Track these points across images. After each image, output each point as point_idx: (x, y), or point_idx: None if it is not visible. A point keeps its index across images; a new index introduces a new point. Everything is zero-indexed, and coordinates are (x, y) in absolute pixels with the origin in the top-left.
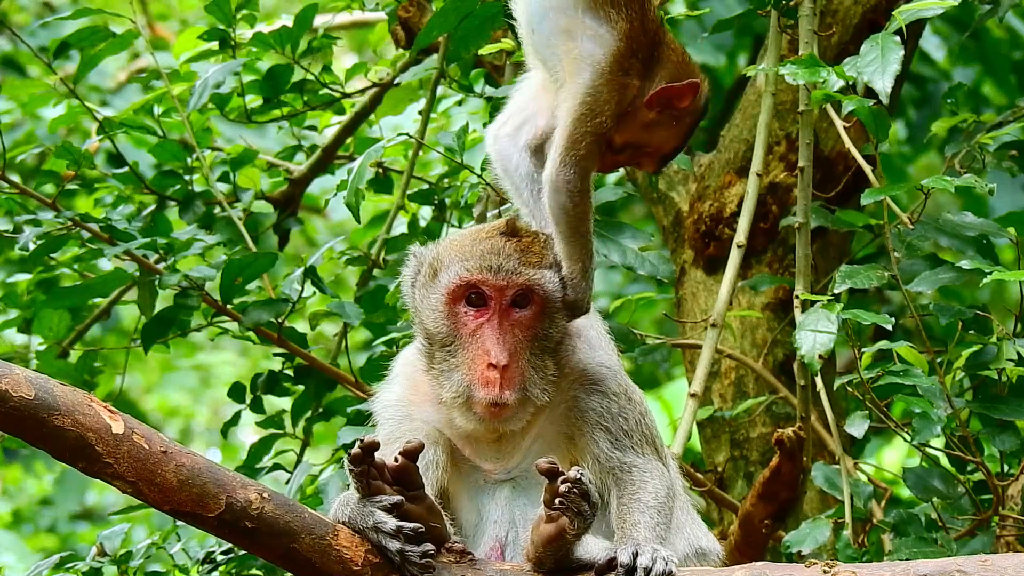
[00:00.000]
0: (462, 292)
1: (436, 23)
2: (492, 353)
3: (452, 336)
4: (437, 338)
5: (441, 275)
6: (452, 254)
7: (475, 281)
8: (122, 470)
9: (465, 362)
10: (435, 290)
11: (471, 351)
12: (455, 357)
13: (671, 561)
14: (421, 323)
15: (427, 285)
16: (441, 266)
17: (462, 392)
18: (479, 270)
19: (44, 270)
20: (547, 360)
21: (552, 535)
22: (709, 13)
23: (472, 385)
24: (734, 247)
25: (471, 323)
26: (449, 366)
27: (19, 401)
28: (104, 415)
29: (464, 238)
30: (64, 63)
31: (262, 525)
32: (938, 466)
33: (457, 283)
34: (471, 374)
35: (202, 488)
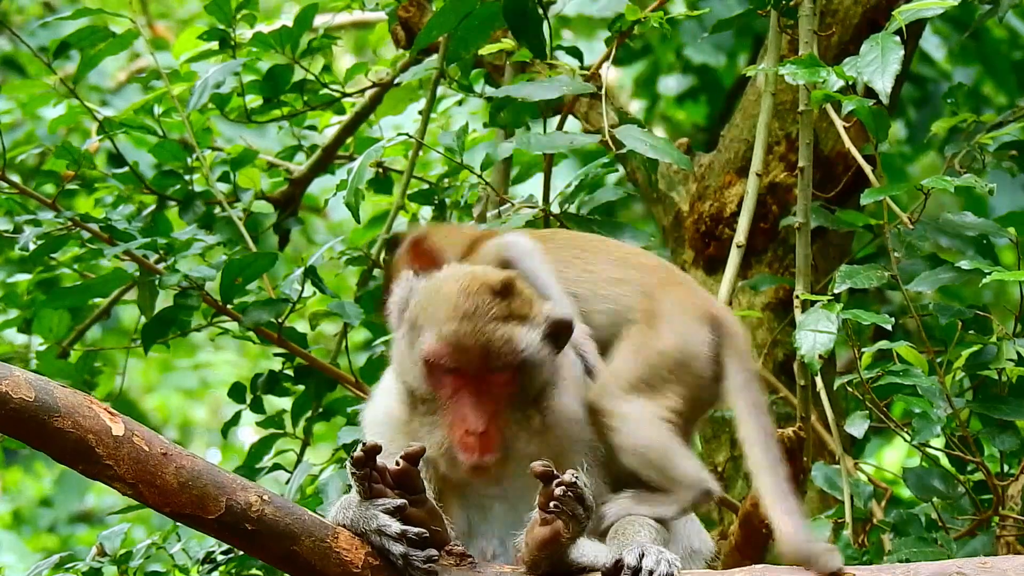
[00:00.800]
0: (434, 363)
1: (436, 23)
2: (469, 420)
3: (431, 395)
4: (416, 394)
5: (419, 335)
6: (431, 316)
7: (445, 357)
8: (122, 472)
9: (445, 424)
10: (412, 349)
11: (450, 414)
12: (435, 415)
13: (675, 564)
14: (403, 375)
15: (406, 340)
16: (420, 326)
17: (444, 452)
18: (451, 347)
19: (44, 270)
20: (530, 411)
21: (547, 538)
22: (709, 13)
23: (453, 447)
24: (734, 247)
25: (449, 387)
26: (430, 423)
27: (20, 403)
28: (104, 417)
29: (448, 293)
30: (64, 63)
31: (262, 527)
32: (938, 466)
33: (429, 355)
34: (451, 436)
35: (202, 490)
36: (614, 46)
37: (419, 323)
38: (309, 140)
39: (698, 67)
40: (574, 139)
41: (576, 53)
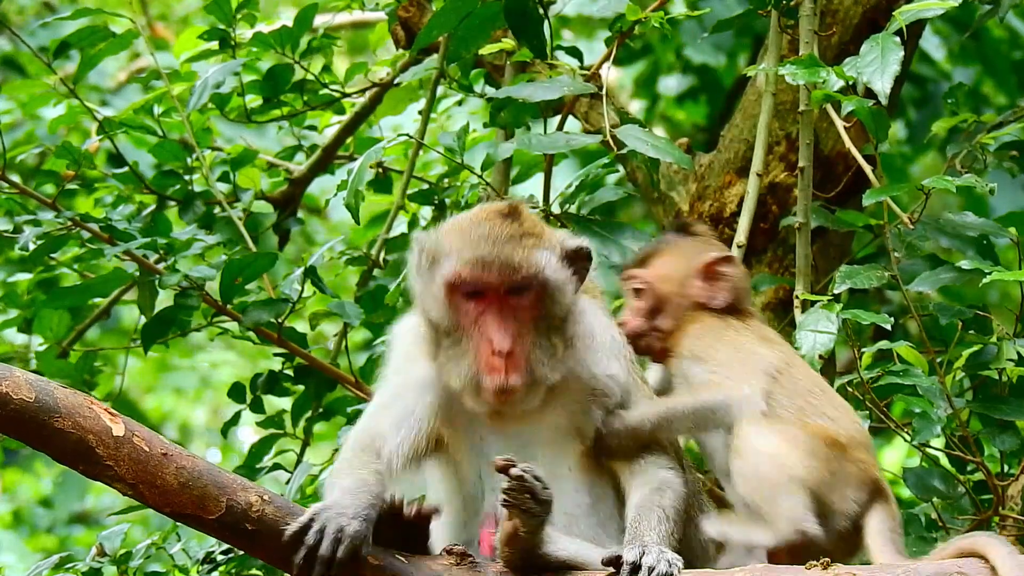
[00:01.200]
0: (456, 286)
1: (436, 23)
2: (495, 340)
3: (455, 325)
4: (441, 327)
5: (439, 267)
6: (449, 244)
7: (469, 279)
8: (123, 472)
9: (470, 350)
10: (434, 281)
11: (475, 339)
12: (460, 345)
13: (675, 564)
14: (424, 312)
15: (427, 275)
16: (439, 256)
17: (470, 380)
18: (472, 267)
19: (44, 270)
20: (553, 339)
21: (509, 532)
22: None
23: (479, 373)
24: (734, 247)
25: (472, 312)
26: (455, 354)
27: (20, 404)
28: (105, 417)
29: (462, 224)
30: (64, 63)
31: (262, 527)
32: (938, 466)
33: (450, 278)
34: (477, 362)
35: (203, 490)
36: (614, 46)
37: (438, 256)
38: (309, 140)
39: (698, 67)
40: (574, 139)
41: (576, 53)
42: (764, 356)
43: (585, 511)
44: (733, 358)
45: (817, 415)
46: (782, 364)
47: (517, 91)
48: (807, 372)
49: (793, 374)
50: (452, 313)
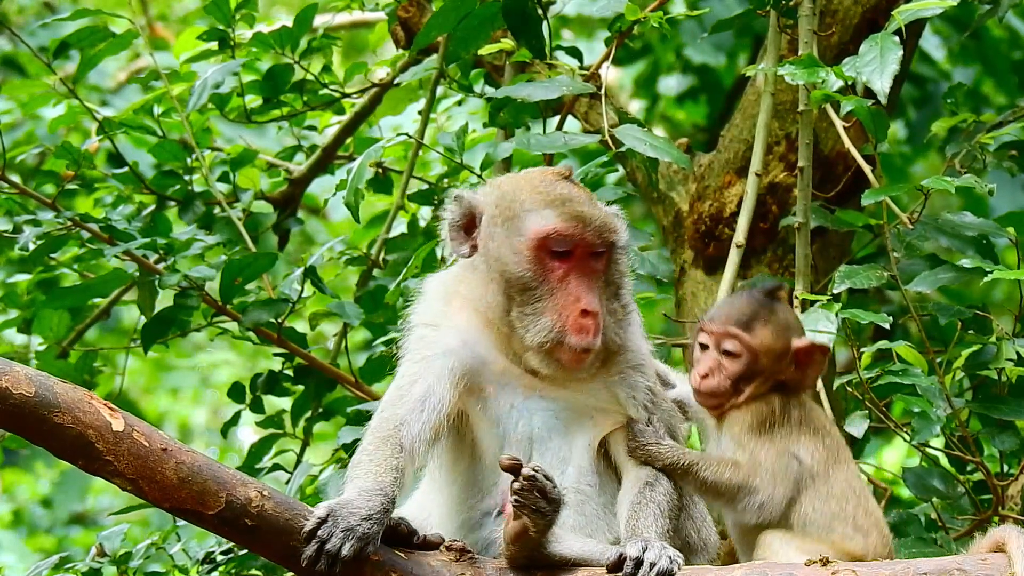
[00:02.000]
0: (550, 241)
1: (436, 23)
2: (584, 301)
3: (538, 282)
4: (520, 283)
5: (524, 220)
6: (530, 200)
7: (566, 233)
8: (122, 467)
9: (554, 308)
10: (518, 235)
11: (560, 298)
12: (540, 302)
13: (676, 560)
14: (501, 268)
15: (507, 229)
16: (519, 211)
17: (552, 338)
18: (568, 222)
19: (44, 270)
20: (615, 304)
21: (517, 532)
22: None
23: (564, 331)
24: (734, 247)
25: (558, 270)
26: (532, 311)
27: (19, 398)
28: (104, 412)
29: (532, 182)
30: (64, 63)
31: (262, 523)
32: (938, 466)
33: (547, 232)
34: (562, 320)
35: (202, 486)
36: (614, 46)
37: (517, 213)
38: (309, 140)
39: (698, 67)
40: (574, 139)
41: (576, 53)
42: (804, 462)
43: (596, 490)
44: (774, 462)
45: (846, 526)
46: (821, 468)
47: (516, 91)
48: (846, 473)
49: (831, 478)
50: (537, 269)
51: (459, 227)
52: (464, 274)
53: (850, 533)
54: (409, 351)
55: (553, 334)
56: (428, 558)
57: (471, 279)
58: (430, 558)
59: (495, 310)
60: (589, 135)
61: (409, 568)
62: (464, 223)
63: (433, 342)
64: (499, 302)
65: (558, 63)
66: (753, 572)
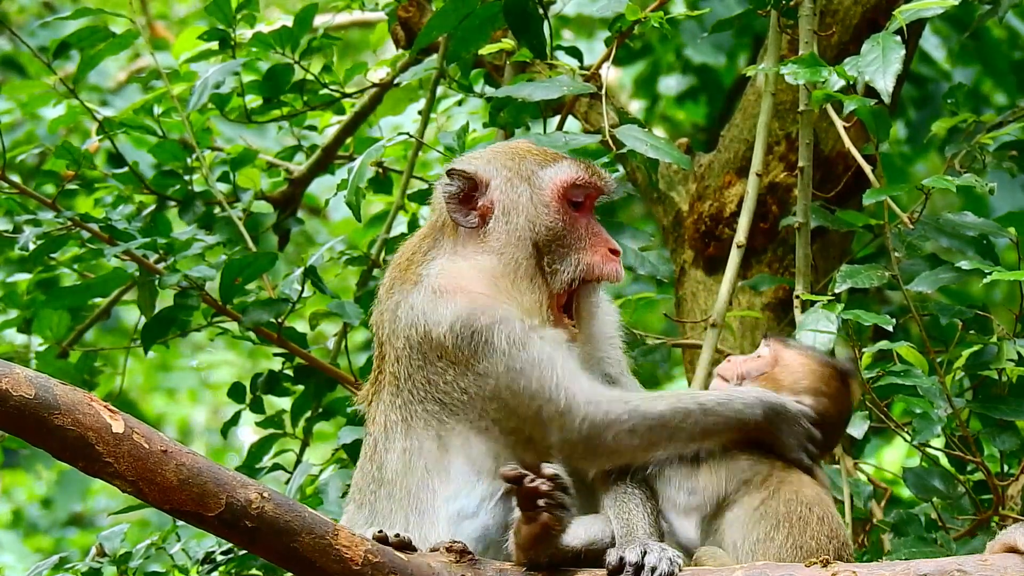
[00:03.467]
0: (573, 190)
1: (436, 23)
2: (611, 242)
3: (566, 229)
4: (550, 232)
5: (544, 174)
6: (543, 157)
7: (586, 180)
8: (122, 469)
9: (585, 249)
10: (540, 189)
11: (588, 241)
12: (567, 248)
13: (676, 562)
14: (529, 223)
15: (528, 186)
16: (537, 167)
17: (588, 271)
18: (586, 170)
19: (44, 270)
20: None
21: (538, 534)
22: (709, 13)
23: (601, 264)
24: (734, 247)
25: (580, 218)
26: (566, 254)
27: (19, 400)
28: (104, 414)
29: (526, 147)
30: (64, 63)
31: (262, 524)
32: (938, 466)
33: (571, 181)
34: (592, 259)
35: (202, 487)
36: (614, 46)
37: (534, 171)
38: (309, 140)
39: (698, 67)
40: (574, 139)
41: (576, 53)
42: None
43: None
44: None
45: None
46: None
47: (517, 91)
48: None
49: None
50: (564, 217)
51: (461, 199)
52: (468, 246)
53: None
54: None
55: (587, 268)
56: (428, 559)
57: (483, 247)
58: (430, 559)
59: (525, 267)
60: (589, 135)
61: (409, 569)
62: (465, 195)
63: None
64: (529, 255)
65: (558, 63)
66: (753, 572)
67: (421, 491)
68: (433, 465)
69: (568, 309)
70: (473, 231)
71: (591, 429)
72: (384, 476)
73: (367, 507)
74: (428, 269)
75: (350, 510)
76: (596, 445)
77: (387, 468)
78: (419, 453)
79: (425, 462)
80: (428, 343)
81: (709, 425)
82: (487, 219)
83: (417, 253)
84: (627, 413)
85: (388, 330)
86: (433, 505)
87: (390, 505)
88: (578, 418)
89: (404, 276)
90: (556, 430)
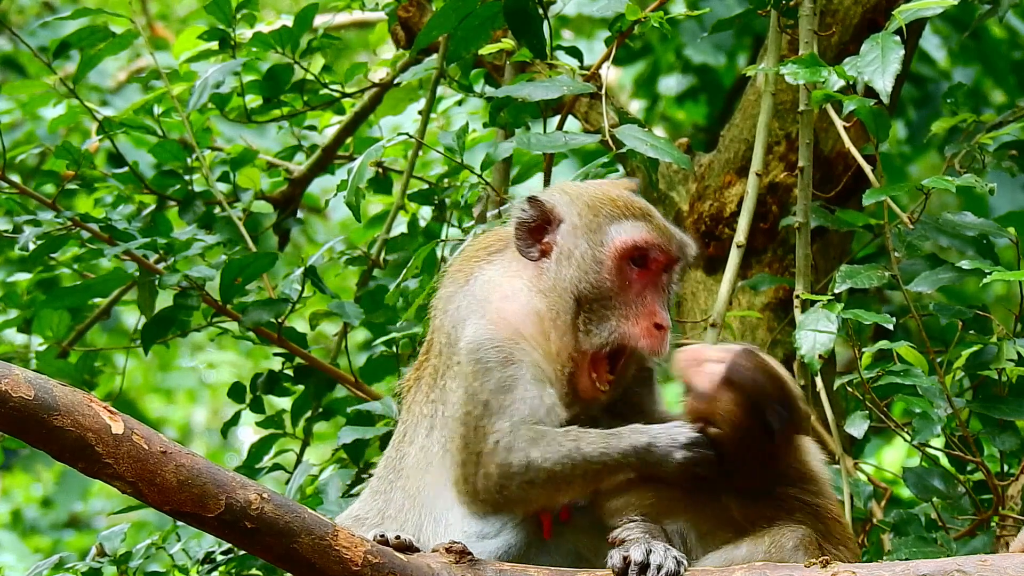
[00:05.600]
0: (634, 252)
1: (436, 23)
2: (660, 315)
3: (615, 291)
4: (597, 290)
5: (609, 230)
6: (617, 210)
7: (651, 245)
8: (122, 470)
9: (628, 316)
10: (601, 245)
11: (633, 308)
12: (608, 311)
13: (682, 562)
14: (580, 276)
15: (590, 239)
16: (606, 221)
17: (614, 340)
18: (655, 234)
19: (44, 270)
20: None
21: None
22: (709, 13)
23: (630, 334)
24: (734, 247)
25: (636, 282)
26: (601, 318)
27: (19, 402)
28: (104, 415)
29: (609, 194)
30: (64, 63)
31: (262, 525)
32: (938, 466)
33: (634, 243)
34: (635, 327)
35: (202, 488)
36: (614, 46)
37: (602, 224)
38: (309, 140)
39: (698, 67)
40: (574, 139)
41: (576, 53)
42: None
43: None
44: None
45: None
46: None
47: (516, 90)
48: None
49: None
50: (617, 279)
51: (530, 229)
52: (526, 271)
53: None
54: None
55: (621, 336)
56: (428, 560)
57: (536, 280)
58: (429, 560)
59: (564, 318)
60: (589, 135)
61: (408, 570)
62: (535, 226)
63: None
64: (570, 308)
65: (558, 63)
66: (753, 572)
67: (437, 498)
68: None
69: (614, 368)
70: (534, 263)
71: (500, 478)
72: (403, 468)
73: (381, 497)
74: (482, 273)
75: (364, 495)
76: (507, 494)
77: (407, 461)
78: (434, 459)
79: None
80: (455, 345)
81: (594, 472)
82: (547, 256)
83: (483, 250)
84: (525, 466)
85: (439, 320)
86: (448, 518)
87: (404, 501)
88: (492, 464)
89: (464, 268)
90: (482, 476)
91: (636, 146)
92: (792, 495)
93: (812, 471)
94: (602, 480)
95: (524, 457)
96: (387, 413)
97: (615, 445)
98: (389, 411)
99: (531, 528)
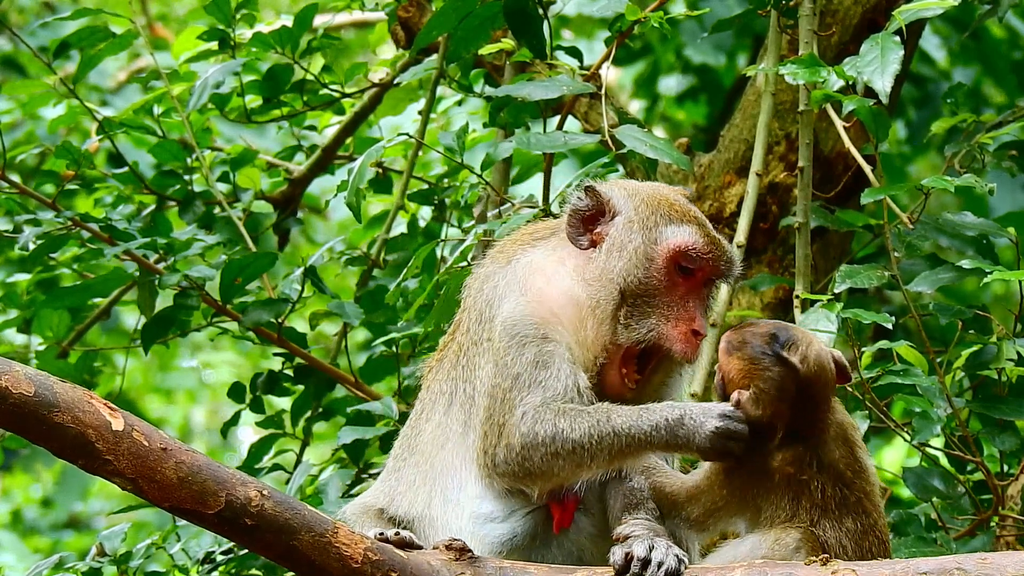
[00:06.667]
0: (685, 256)
1: (436, 23)
2: (699, 322)
3: (660, 291)
4: (642, 288)
5: (665, 231)
6: (674, 213)
7: (702, 253)
8: (122, 467)
9: (668, 317)
10: (655, 243)
11: (674, 312)
12: (650, 309)
13: (683, 559)
14: (628, 270)
15: (644, 235)
16: (663, 221)
17: (653, 337)
18: (708, 242)
19: (44, 270)
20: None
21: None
22: (709, 13)
23: (667, 338)
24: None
25: (680, 286)
26: (641, 316)
27: (19, 398)
28: (104, 412)
29: (667, 197)
30: (64, 63)
31: (262, 522)
32: (938, 466)
33: (687, 247)
34: (672, 329)
35: (202, 485)
36: (614, 46)
37: (658, 223)
38: (309, 140)
39: (698, 67)
40: (573, 139)
41: (576, 53)
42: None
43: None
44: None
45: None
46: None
47: (516, 90)
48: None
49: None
50: (664, 280)
51: (584, 218)
52: (571, 260)
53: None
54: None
55: (657, 336)
56: (427, 557)
57: (582, 269)
58: (429, 557)
59: (604, 308)
60: (589, 135)
61: (408, 567)
62: (589, 215)
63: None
64: (612, 299)
65: (558, 63)
66: (753, 571)
67: (451, 476)
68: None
69: (643, 369)
70: (582, 251)
71: (523, 449)
72: (418, 445)
73: (393, 476)
74: (525, 255)
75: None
76: (529, 466)
77: (423, 437)
78: (452, 435)
79: (455, 447)
80: (489, 322)
81: (620, 447)
82: (597, 246)
83: (528, 235)
84: (551, 436)
85: (472, 299)
86: (459, 498)
87: (415, 477)
88: (517, 434)
89: (506, 250)
90: (503, 447)
91: (636, 146)
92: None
93: (859, 458)
94: (627, 456)
95: (552, 427)
96: (387, 413)
97: (647, 418)
98: (389, 411)
99: (540, 519)
